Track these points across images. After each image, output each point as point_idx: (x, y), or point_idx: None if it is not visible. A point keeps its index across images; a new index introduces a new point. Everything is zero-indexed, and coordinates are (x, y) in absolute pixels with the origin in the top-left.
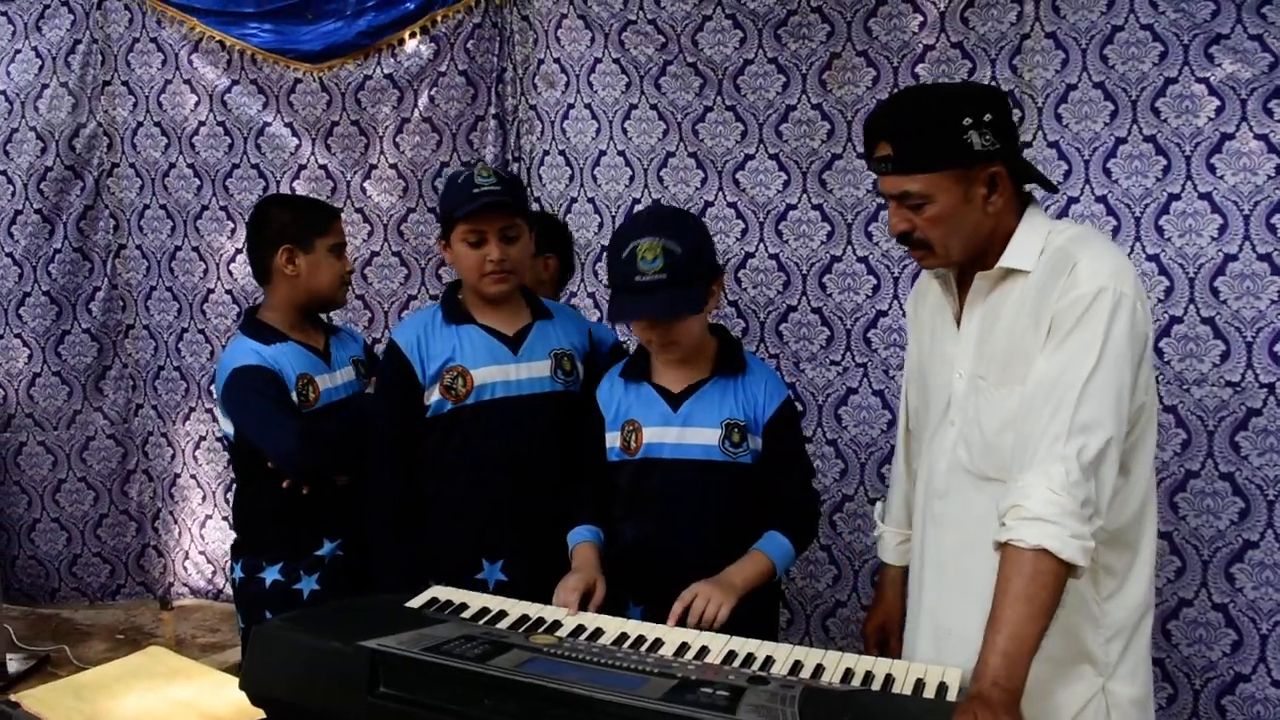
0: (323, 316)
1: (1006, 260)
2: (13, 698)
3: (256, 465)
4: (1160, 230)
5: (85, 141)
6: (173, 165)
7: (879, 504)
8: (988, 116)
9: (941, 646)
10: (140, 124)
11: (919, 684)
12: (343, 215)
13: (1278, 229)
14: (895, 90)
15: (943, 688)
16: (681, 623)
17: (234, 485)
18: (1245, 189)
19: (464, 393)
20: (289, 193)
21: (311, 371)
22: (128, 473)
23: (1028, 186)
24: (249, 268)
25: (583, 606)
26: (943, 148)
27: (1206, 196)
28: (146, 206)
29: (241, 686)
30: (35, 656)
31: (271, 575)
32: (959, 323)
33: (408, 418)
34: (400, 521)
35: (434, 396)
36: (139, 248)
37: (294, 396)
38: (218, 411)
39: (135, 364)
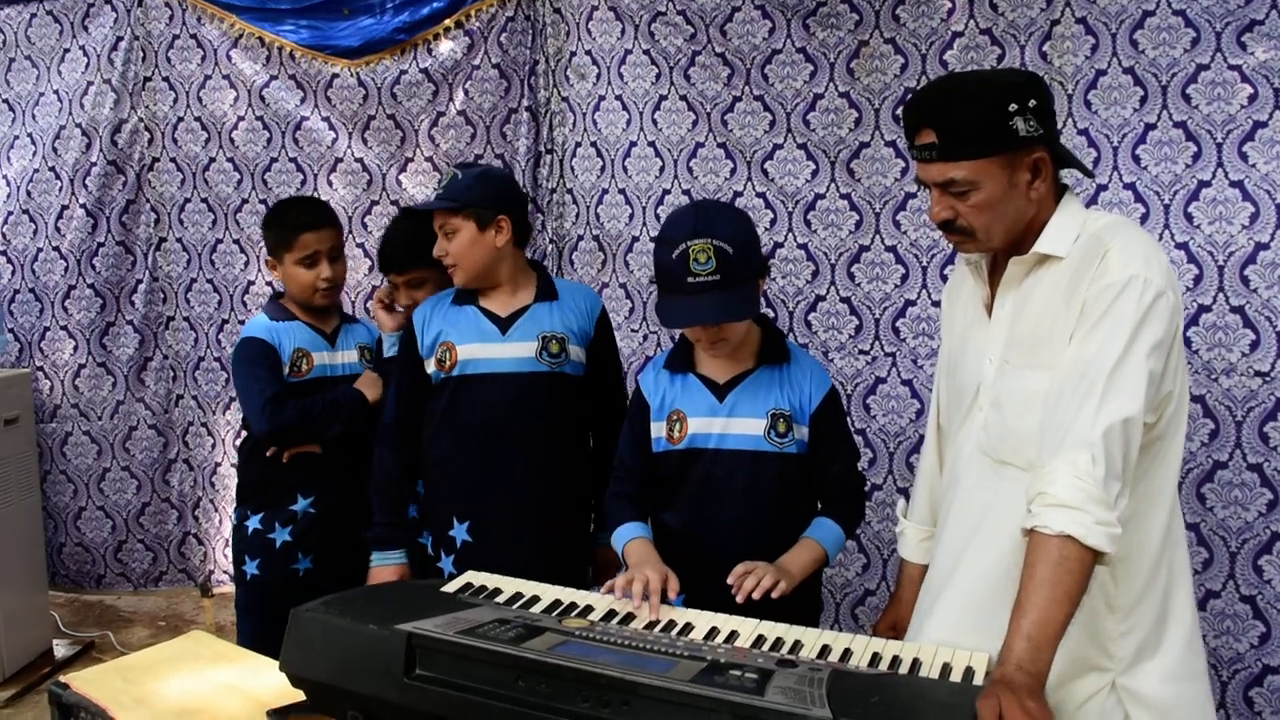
0: (344, 309)
1: (1042, 246)
2: (62, 679)
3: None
4: (1189, 218)
5: (127, 137)
6: (213, 159)
7: (901, 501)
8: (1032, 103)
9: (923, 626)
10: (181, 119)
11: (945, 668)
12: (376, 210)
13: None
14: (924, 78)
15: (969, 672)
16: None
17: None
18: (1277, 177)
19: (450, 365)
20: (301, 196)
21: (309, 348)
22: (169, 462)
23: (1063, 173)
24: None
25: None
26: (990, 134)
27: (1238, 184)
28: (187, 200)
29: (281, 668)
30: (81, 642)
31: (253, 524)
32: (990, 311)
33: (412, 382)
34: (394, 472)
35: (430, 367)
36: (179, 241)
37: (287, 367)
38: None
39: (176, 355)
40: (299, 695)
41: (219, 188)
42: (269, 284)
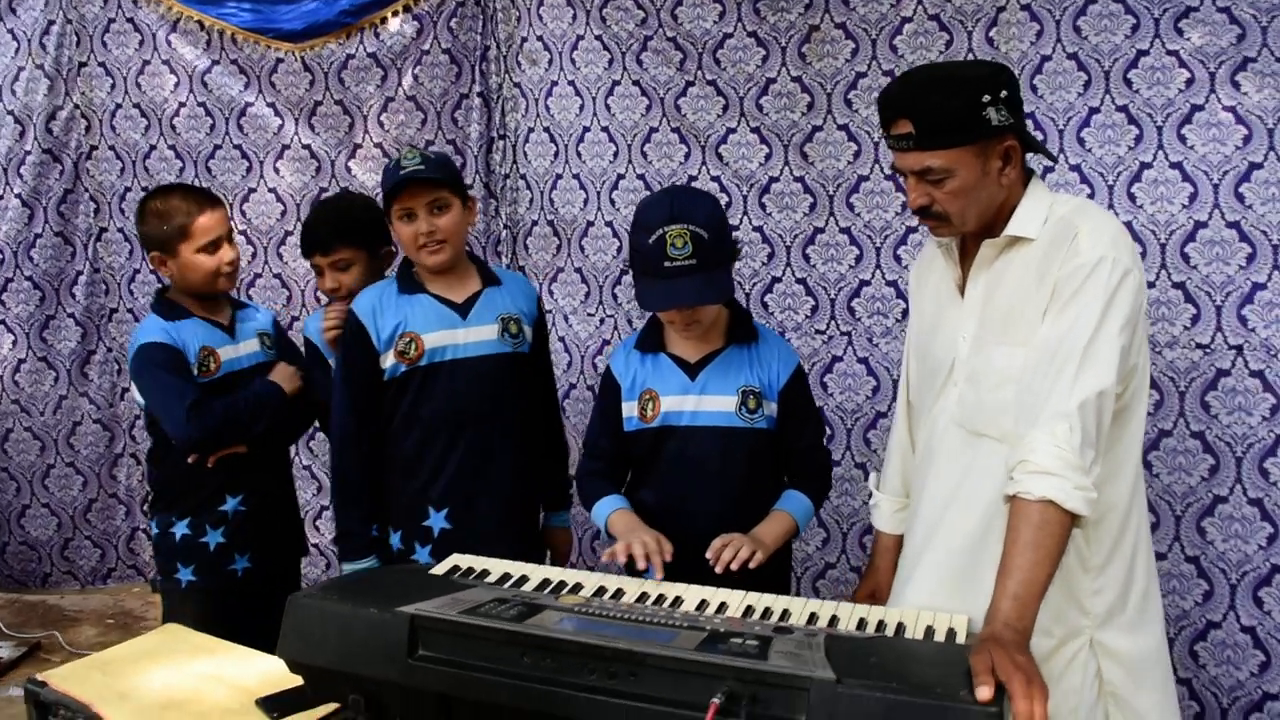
0: (233, 293)
1: (1013, 228)
2: (39, 676)
3: (163, 430)
4: (1133, 198)
5: (63, 124)
6: (153, 147)
7: (874, 474)
8: (1003, 93)
9: (903, 592)
10: (119, 106)
11: (929, 630)
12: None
13: (1245, 197)
14: (874, 63)
15: (951, 633)
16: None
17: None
18: (1214, 159)
19: (416, 356)
20: (173, 184)
21: (213, 344)
22: (115, 456)
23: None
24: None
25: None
26: (964, 124)
27: (1177, 165)
28: (128, 189)
29: (279, 654)
30: (26, 643)
31: (181, 530)
32: (962, 291)
33: (365, 380)
34: (358, 480)
35: (389, 361)
36: (121, 231)
37: (195, 368)
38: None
39: (120, 348)
40: (284, 684)
41: (161, 176)
42: None
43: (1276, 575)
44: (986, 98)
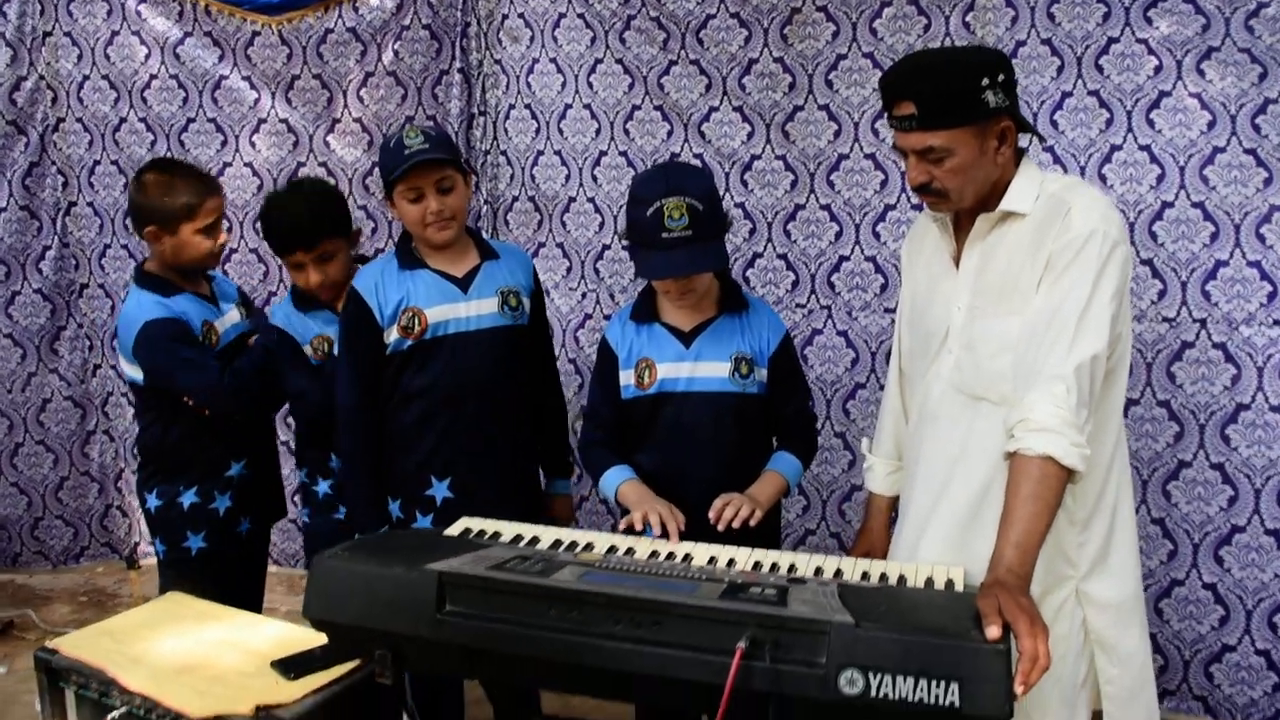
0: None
1: (1007, 204)
2: (49, 645)
3: (167, 403)
4: (1103, 179)
5: (27, 95)
6: (123, 120)
7: (865, 439)
8: (1001, 77)
9: (914, 546)
10: (86, 77)
11: (929, 581)
12: (303, 173)
13: (1209, 179)
14: (854, 45)
15: (950, 584)
16: (712, 532)
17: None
18: (1181, 142)
19: (419, 330)
20: (173, 157)
21: (209, 317)
22: (87, 434)
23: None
24: None
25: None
26: (965, 106)
27: (1146, 148)
28: (97, 162)
29: (305, 614)
30: (0, 622)
31: (189, 498)
32: (957, 263)
33: (369, 355)
34: (365, 454)
35: (393, 335)
36: (90, 205)
37: (201, 340)
38: (122, 360)
39: (91, 324)
40: (296, 647)
41: (131, 149)
42: None
43: (1236, 535)
44: (986, 81)
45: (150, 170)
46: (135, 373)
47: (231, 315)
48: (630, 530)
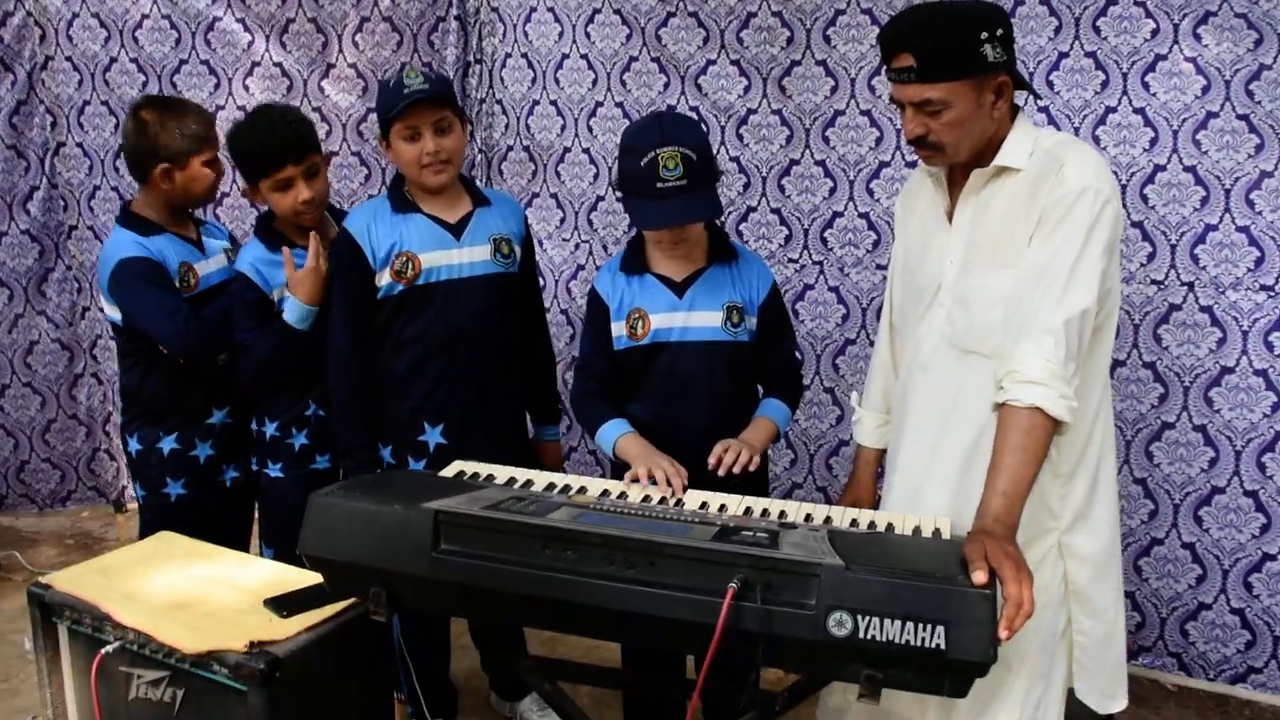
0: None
1: (1001, 159)
2: (42, 580)
3: (146, 346)
4: (1097, 140)
5: (14, 32)
6: (114, 59)
7: (854, 393)
8: (999, 31)
9: (913, 498)
10: (76, 15)
11: (916, 529)
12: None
13: (1201, 144)
14: (853, 1)
15: (937, 531)
16: (708, 480)
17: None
18: (1175, 106)
19: (413, 275)
20: (166, 95)
21: (190, 260)
22: (75, 377)
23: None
24: None
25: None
26: (964, 59)
27: (1140, 111)
28: (86, 102)
29: (300, 551)
30: None
31: (169, 444)
32: (951, 218)
33: (362, 298)
34: (358, 394)
35: (385, 279)
36: (80, 145)
37: (176, 282)
38: (103, 298)
39: (80, 266)
40: (289, 586)
41: (122, 90)
42: None
43: (1216, 496)
44: (984, 35)
45: (145, 108)
46: (114, 313)
47: (217, 260)
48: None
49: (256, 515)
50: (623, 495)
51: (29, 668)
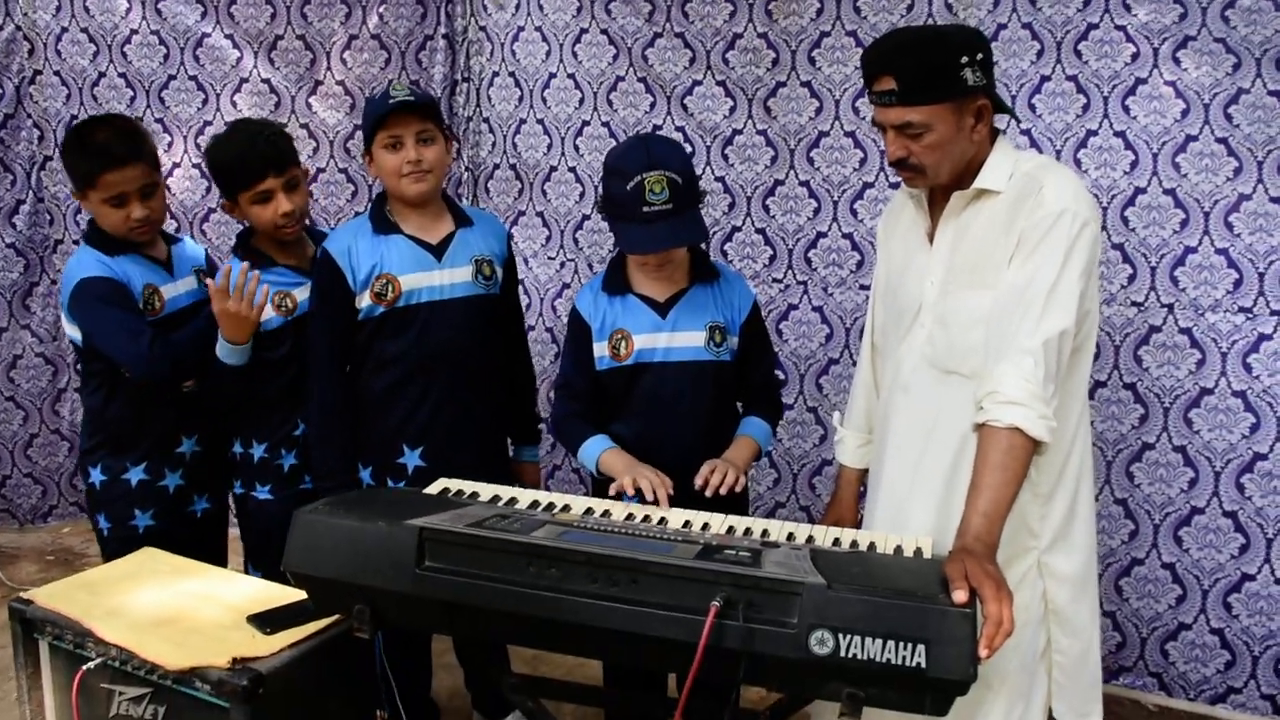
0: (165, 228)
1: (981, 181)
2: (24, 595)
3: (108, 368)
4: (1078, 163)
5: (3, 46)
6: (102, 74)
7: (837, 413)
8: (979, 55)
9: (899, 517)
10: (65, 30)
11: (898, 549)
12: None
13: (1181, 167)
14: (838, 23)
15: (919, 551)
16: (694, 498)
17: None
18: (1155, 129)
19: (393, 298)
20: (101, 115)
21: (156, 281)
22: (58, 391)
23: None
24: (187, 182)
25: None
26: (944, 82)
27: (1121, 134)
28: (74, 116)
29: (283, 568)
30: None
31: (137, 475)
32: (931, 239)
33: (342, 319)
34: (338, 416)
35: (365, 301)
36: None
37: (140, 304)
38: (64, 318)
39: None
40: (273, 603)
41: (110, 105)
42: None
43: (1195, 516)
44: (965, 59)
45: (71, 129)
46: (75, 332)
47: (186, 283)
48: (620, 496)
49: (230, 543)
50: (606, 514)
51: (9, 684)
